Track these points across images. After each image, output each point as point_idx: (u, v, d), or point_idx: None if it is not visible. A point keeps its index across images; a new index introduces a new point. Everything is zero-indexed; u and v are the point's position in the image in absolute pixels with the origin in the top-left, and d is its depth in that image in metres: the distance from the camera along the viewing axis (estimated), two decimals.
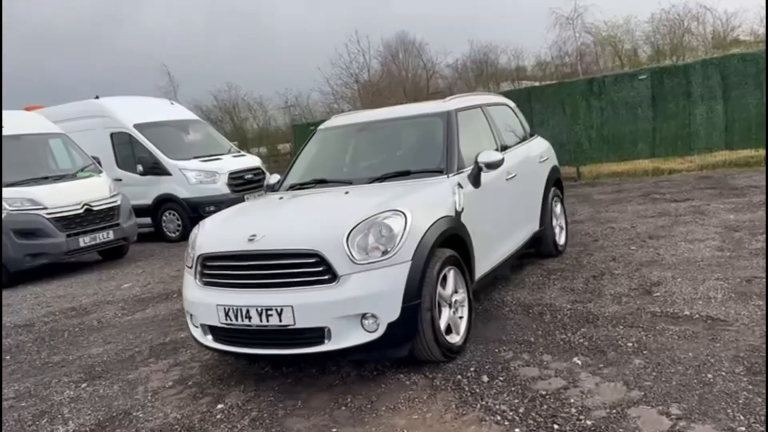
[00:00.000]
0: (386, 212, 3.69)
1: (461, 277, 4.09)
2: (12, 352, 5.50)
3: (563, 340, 4.04)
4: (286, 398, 3.70)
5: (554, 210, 6.16)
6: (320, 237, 3.59)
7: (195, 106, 35.17)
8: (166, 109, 13.06)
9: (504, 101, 6.15)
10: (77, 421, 3.77)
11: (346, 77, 30.89)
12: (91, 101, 12.51)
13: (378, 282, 3.52)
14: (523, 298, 5.03)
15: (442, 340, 3.76)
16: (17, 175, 9.12)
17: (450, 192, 4.18)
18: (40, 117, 10.81)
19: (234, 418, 3.52)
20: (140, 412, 3.78)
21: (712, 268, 5.19)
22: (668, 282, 4.95)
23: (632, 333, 4.00)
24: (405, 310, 3.55)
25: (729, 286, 4.67)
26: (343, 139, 5.35)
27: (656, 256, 5.80)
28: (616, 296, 4.77)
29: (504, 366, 3.75)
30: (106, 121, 12.12)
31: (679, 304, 4.41)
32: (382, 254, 3.55)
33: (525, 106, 12.55)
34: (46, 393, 4.32)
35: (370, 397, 3.56)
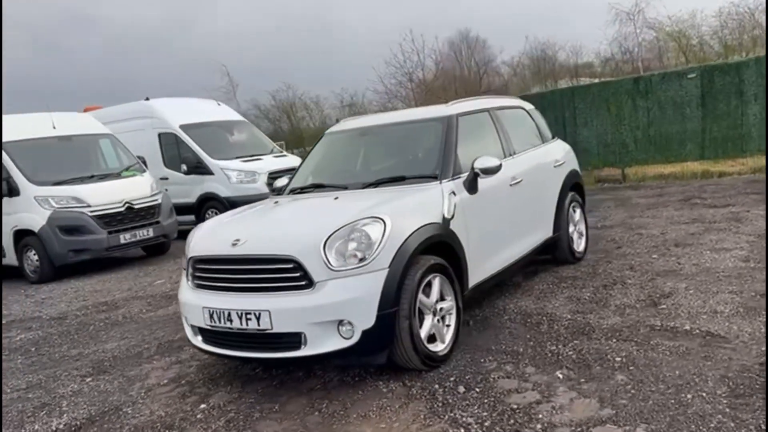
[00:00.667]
0: (365, 219, 3.69)
1: (449, 285, 4.05)
2: (38, 344, 5.79)
3: (552, 352, 3.94)
4: (266, 401, 3.75)
5: (572, 216, 6.00)
6: (298, 243, 3.63)
7: (254, 106, 36.10)
8: (213, 110, 13.41)
9: (519, 104, 6.03)
10: (71, 414, 3.94)
11: (400, 76, 30.90)
12: (141, 102, 13.00)
13: (353, 289, 3.53)
14: (525, 306, 4.93)
15: (421, 349, 3.73)
16: (65, 174, 9.58)
17: (439, 198, 4.14)
18: (91, 118, 11.31)
19: (212, 419, 3.60)
20: (130, 408, 3.92)
21: (730, 279, 4.94)
22: (679, 293, 4.75)
23: (624, 347, 3.86)
24: (380, 318, 3.54)
25: (740, 300, 4.43)
26: (345, 143, 5.37)
27: (676, 265, 5.56)
28: (621, 307, 4.61)
29: (484, 377, 3.70)
30: (154, 122, 12.56)
31: (681, 318, 4.22)
32: (359, 261, 3.56)
33: (569, 105, 12.30)
34: (53, 386, 4.53)
35: (345, 404, 3.57)
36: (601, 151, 12.25)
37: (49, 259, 9.12)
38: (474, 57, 30.31)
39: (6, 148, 9.50)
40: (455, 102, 5.16)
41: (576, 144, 12.35)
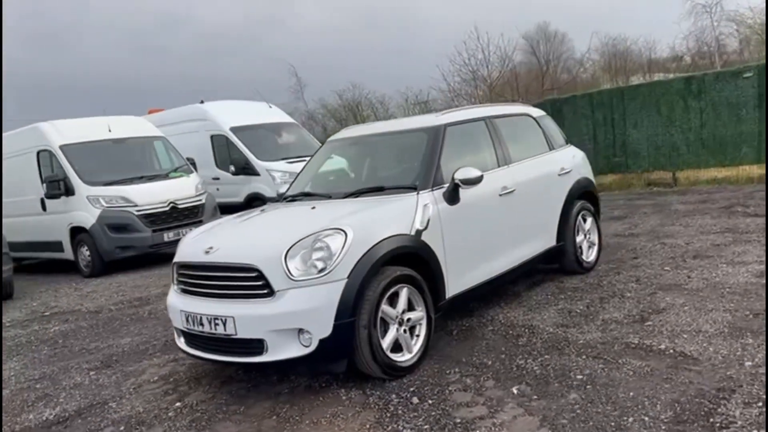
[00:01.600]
0: (328, 230, 3.79)
1: (419, 296, 4.09)
2: (66, 337, 6.23)
3: (518, 366, 3.92)
4: (235, 402, 3.93)
5: (580, 225, 5.88)
6: (260, 253, 3.78)
7: (321, 105, 36.76)
8: (263, 113, 13.82)
9: (524, 112, 5.95)
10: (64, 406, 4.26)
11: (464, 74, 30.64)
12: (196, 106, 13.59)
13: (311, 299, 3.64)
14: (513, 317, 4.89)
15: (382, 359, 3.80)
16: (116, 175, 10.18)
17: (412, 209, 4.19)
18: (145, 121, 11.92)
19: (180, 417, 3.81)
20: (115, 403, 4.19)
21: (733, 296, 4.72)
22: (672, 310, 4.59)
23: (590, 364, 3.79)
24: (337, 327, 3.64)
25: (731, 319, 4.24)
26: (339, 152, 5.48)
27: (684, 279, 5.35)
28: (607, 322, 4.51)
29: (442, 389, 3.73)
30: (207, 124, 13.10)
31: (662, 336, 4.09)
32: (319, 272, 3.66)
33: (618, 106, 11.92)
34: (60, 378, 4.89)
35: (303, 409, 3.70)
36: (651, 153, 11.79)
37: (98, 255, 9.73)
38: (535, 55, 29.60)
39: (64, 151, 10.19)
40: (448, 111, 5.17)
41: (625, 146, 12.01)
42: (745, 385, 3.24)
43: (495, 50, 30.19)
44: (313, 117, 36.21)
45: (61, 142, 10.29)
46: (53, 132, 10.48)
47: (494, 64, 30.54)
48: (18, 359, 5.62)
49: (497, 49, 30.56)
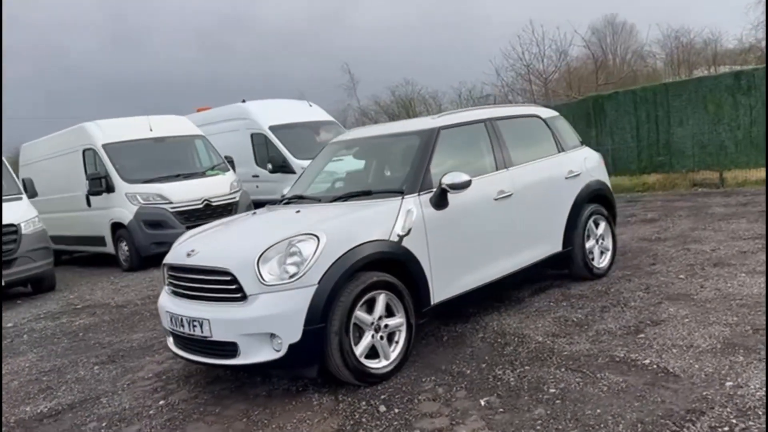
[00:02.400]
0: (301, 235, 3.81)
1: (399, 302, 4.06)
2: (87, 330, 6.50)
3: (495, 377, 3.83)
4: (214, 403, 4.00)
5: (591, 230, 5.68)
6: (235, 257, 3.83)
7: (374, 102, 36.87)
8: (303, 111, 13.97)
9: (532, 113, 5.78)
10: (60, 400, 4.44)
11: (519, 68, 30.12)
12: (237, 105, 13.87)
13: (281, 304, 3.67)
14: (507, 324, 4.78)
15: (354, 365, 3.78)
16: (154, 173, 10.53)
17: (393, 215, 4.15)
18: (186, 120, 12.24)
19: (158, 416, 3.91)
20: (106, 399, 4.34)
21: (740, 309, 4.47)
22: (672, 322, 4.39)
23: (568, 378, 3.67)
24: (306, 333, 3.65)
25: (728, 334, 4.02)
26: (337, 154, 5.47)
27: (697, 288, 5.10)
28: (600, 333, 4.35)
29: (412, 397, 3.69)
30: (248, 123, 13.35)
31: (651, 350, 3.92)
32: (290, 277, 3.69)
33: (662, 103, 11.46)
34: (67, 371, 5.10)
35: (274, 413, 3.73)
36: (696, 152, 11.28)
37: (136, 250, 10.09)
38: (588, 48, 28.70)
39: (106, 149, 10.61)
40: (444, 114, 5.09)
41: (669, 145, 11.54)
42: (717, 407, 3.07)
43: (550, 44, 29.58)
44: (366, 113, 36.43)
45: (104, 141, 10.70)
46: (97, 131, 10.92)
47: (550, 58, 29.92)
48: (37, 351, 5.89)
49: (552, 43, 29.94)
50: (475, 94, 34.45)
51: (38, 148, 13.10)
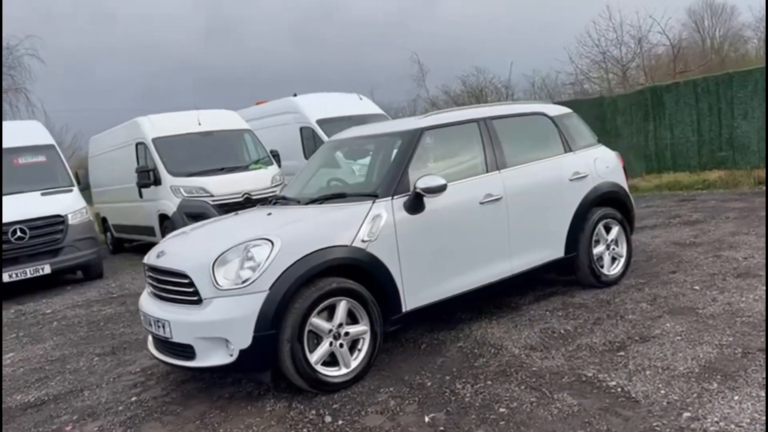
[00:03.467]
0: (256, 240, 3.78)
1: (363, 310, 3.97)
2: (107, 320, 6.77)
3: (452, 391, 3.68)
4: (178, 403, 4.06)
5: (602, 235, 5.35)
6: (193, 260, 3.86)
7: (444, 92, 36.43)
8: (352, 105, 13.96)
9: (538, 111, 5.47)
10: (50, 389, 4.64)
11: (594, 55, 28.93)
12: (288, 99, 14.03)
13: (232, 309, 3.66)
14: (491, 334, 4.58)
15: (307, 373, 3.73)
16: (199, 167, 10.82)
17: (359, 219, 4.05)
18: (234, 114, 12.51)
19: (125, 412, 4.01)
20: (89, 392, 4.50)
21: (743, 327, 4.09)
22: (661, 339, 4.07)
23: (524, 397, 3.48)
24: (257, 339, 3.63)
25: (715, 357, 3.68)
26: (327, 154, 5.40)
27: (707, 302, 4.71)
28: (580, 348, 4.09)
29: (361, 409, 3.60)
30: (297, 117, 13.48)
31: (622, 371, 3.64)
32: (242, 282, 3.67)
33: (725, 94, 10.69)
34: (70, 361, 5.33)
35: (228, 417, 3.74)
36: (762, 147, 10.42)
37: None
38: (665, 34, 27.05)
39: (155, 143, 11.01)
40: (433, 113, 4.92)
41: (732, 139, 10.76)
42: None
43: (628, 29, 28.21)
44: (435, 104, 36.03)
45: (154, 135, 11.10)
46: (148, 125, 11.34)
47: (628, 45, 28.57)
48: (56, 339, 6.20)
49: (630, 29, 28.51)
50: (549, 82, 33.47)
51: (102, 141, 13.80)
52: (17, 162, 10.00)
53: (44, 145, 10.35)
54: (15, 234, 8.68)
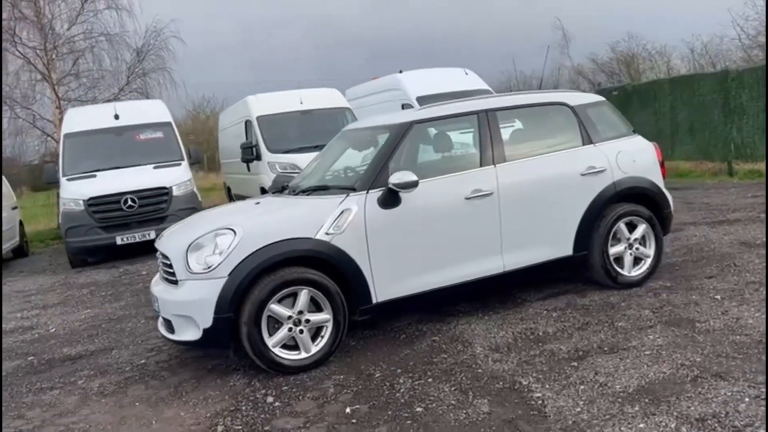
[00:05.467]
0: (222, 228, 4.11)
1: (326, 299, 4.16)
2: None
3: (391, 385, 3.79)
4: (169, 370, 4.55)
5: (622, 233, 5.02)
6: (175, 244, 4.28)
7: (590, 60, 34.41)
8: (455, 81, 13.82)
9: (557, 100, 5.17)
10: (91, 345, 5.38)
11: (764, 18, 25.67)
12: (393, 76, 14.22)
13: (197, 291, 4.05)
14: (470, 330, 4.56)
15: (266, 355, 4.02)
16: (295, 144, 11.43)
17: (326, 213, 4.22)
18: (337, 93, 12.95)
19: (126, 373, 4.58)
20: (116, 351, 5.16)
21: (728, 346, 3.74)
22: (631, 352, 3.84)
23: (447, 399, 3.51)
24: (217, 321, 3.99)
25: (665, 377, 3.43)
26: (335, 145, 5.53)
27: (714, 315, 4.31)
28: (541, 354, 3.98)
29: (301, 394, 3.82)
30: (399, 94, 13.65)
31: (560, 383, 3.53)
32: (208, 267, 4.04)
33: None
34: (125, 320, 6.08)
35: (198, 387, 4.16)
36: None
37: None
38: None
39: (259, 121, 11.79)
40: (432, 105, 4.90)
41: None
42: None
43: None
44: (582, 73, 34.17)
45: (258, 113, 11.89)
46: (255, 104, 12.15)
47: None
48: (130, 300, 7.04)
49: None
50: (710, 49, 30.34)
51: (226, 116, 15.02)
52: (138, 138, 11.25)
53: (162, 123, 11.49)
54: (126, 203, 9.83)
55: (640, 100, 13.25)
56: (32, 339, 5.87)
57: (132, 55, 17.53)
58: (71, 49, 17.20)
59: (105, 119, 11.24)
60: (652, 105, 13.06)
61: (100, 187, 9.94)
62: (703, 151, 12.06)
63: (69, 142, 10.85)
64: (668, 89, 12.74)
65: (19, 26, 16.22)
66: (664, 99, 12.79)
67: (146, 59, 17.75)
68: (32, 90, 17.14)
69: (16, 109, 16.90)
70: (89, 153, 10.80)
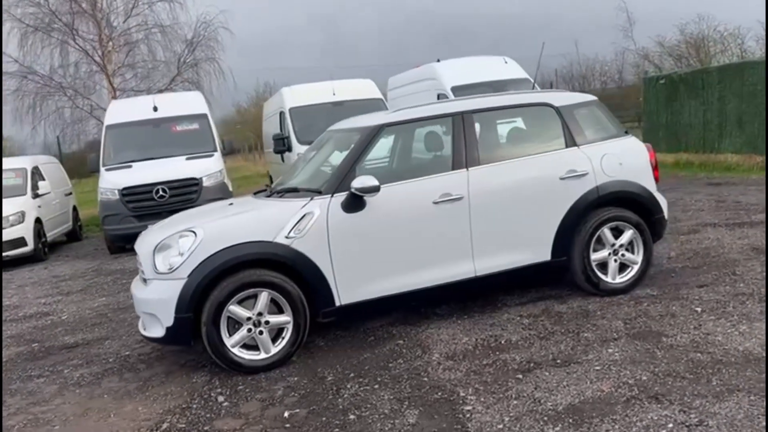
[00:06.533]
0: (186, 231, 4.24)
1: (286, 302, 4.24)
2: None
3: (336, 391, 3.83)
4: (146, 363, 4.75)
5: (605, 239, 4.85)
6: (146, 244, 4.43)
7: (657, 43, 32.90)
8: (493, 70, 13.54)
9: (541, 101, 5.00)
10: (89, 335, 5.65)
11: None
12: (430, 65, 14.08)
13: (161, 291, 4.20)
14: (437, 335, 4.53)
15: (221, 353, 4.15)
16: None
17: (286, 216, 4.27)
18: (370, 85, 12.94)
19: (108, 363, 4.81)
20: (109, 341, 5.41)
21: (682, 365, 3.59)
22: (581, 366, 3.74)
23: (383, 408, 3.53)
24: (177, 320, 4.13)
25: (601, 396, 3.32)
26: (318, 144, 5.54)
27: (687, 329, 4.14)
28: (491, 364, 3.93)
29: (251, 394, 3.93)
30: (435, 84, 13.52)
31: (496, 396, 3.48)
32: (170, 268, 4.18)
33: None
34: (129, 311, 6.36)
35: (165, 382, 4.33)
36: None
37: None
38: None
39: (291, 113, 11.96)
40: (405, 108, 4.85)
41: None
42: None
43: None
44: (648, 56, 32.71)
45: (291, 105, 12.05)
46: (289, 96, 12.32)
47: None
48: None
49: None
50: None
51: (266, 106, 15.30)
52: (174, 129, 11.63)
53: (198, 114, 11.82)
54: (158, 193, 10.21)
55: (687, 89, 12.64)
56: (43, 325, 6.23)
57: (183, 46, 18.07)
58: (126, 41, 17.90)
59: (144, 111, 11.67)
60: (699, 94, 12.44)
61: (134, 177, 10.35)
62: (752, 144, 11.41)
63: (110, 133, 11.34)
64: (717, 78, 12.09)
65: (77, 20, 16.99)
66: (712, 88, 12.15)
67: (197, 50, 18.27)
68: (91, 81, 17.97)
69: (77, 100, 17.79)
70: (128, 144, 11.27)
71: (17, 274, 9.66)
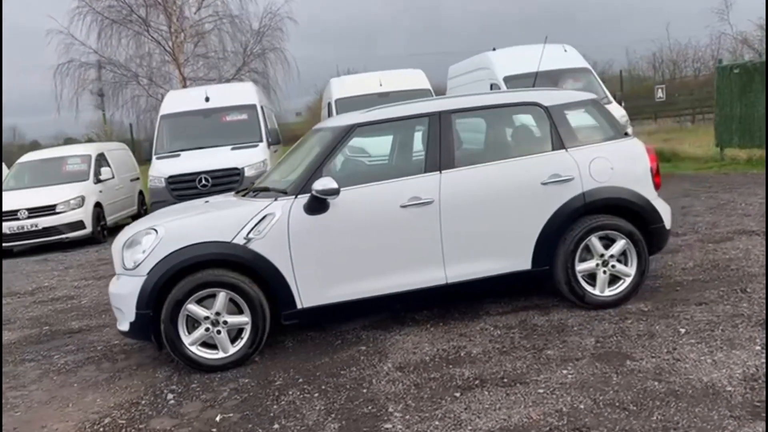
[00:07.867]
0: (149, 229, 4.31)
1: (244, 303, 4.24)
2: None
3: (276, 397, 3.80)
4: (125, 354, 4.91)
5: (594, 249, 4.53)
6: (119, 240, 4.56)
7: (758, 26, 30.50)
8: (551, 59, 12.85)
9: (530, 100, 4.67)
10: (94, 321, 5.92)
11: None
12: (483, 54, 13.68)
13: (125, 287, 4.31)
14: (401, 342, 4.41)
15: (179, 351, 4.21)
16: None
17: (246, 217, 4.26)
18: (419, 75, 12.73)
19: (95, 352, 5.01)
20: (108, 329, 5.63)
21: (635, 395, 3.30)
22: (522, 388, 3.51)
23: (308, 419, 3.47)
24: (138, 316, 4.23)
25: (529, 422, 3.10)
26: (301, 143, 5.45)
27: (656, 353, 3.79)
28: (438, 378, 3.77)
29: (197, 395, 3.95)
30: (488, 73, 13.14)
31: (425, 414, 3.34)
32: (134, 265, 4.28)
33: None
34: None
35: (132, 375, 4.46)
36: None
37: None
38: None
39: (337, 103, 11.98)
40: (380, 107, 4.71)
41: None
42: None
43: None
44: (747, 41, 30.33)
45: (338, 96, 12.07)
46: (336, 86, 12.36)
47: None
48: None
49: None
50: None
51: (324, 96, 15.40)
52: (224, 119, 11.93)
53: (247, 105, 12.06)
54: (201, 182, 10.52)
55: (762, 79, 11.60)
56: (62, 309, 6.58)
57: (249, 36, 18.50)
58: (197, 32, 18.53)
59: (197, 102, 12.04)
60: None
61: (180, 166, 10.72)
62: None
63: (164, 123, 11.79)
64: None
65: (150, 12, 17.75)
66: None
67: (263, 39, 18.65)
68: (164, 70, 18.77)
69: (150, 89, 18.64)
70: (179, 133, 11.68)
71: (71, 256, 10.27)
